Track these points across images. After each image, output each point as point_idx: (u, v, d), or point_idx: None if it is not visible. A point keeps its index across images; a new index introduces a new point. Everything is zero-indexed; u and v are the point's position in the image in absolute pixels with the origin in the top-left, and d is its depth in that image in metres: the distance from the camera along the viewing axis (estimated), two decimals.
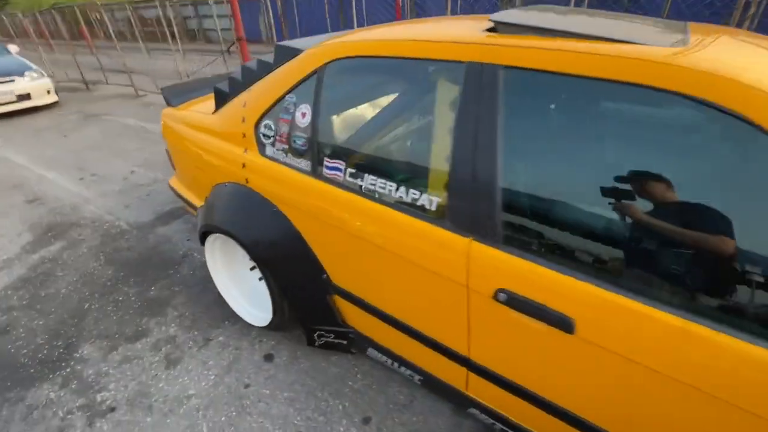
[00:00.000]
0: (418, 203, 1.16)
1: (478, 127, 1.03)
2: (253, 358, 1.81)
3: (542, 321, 0.96)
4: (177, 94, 2.21)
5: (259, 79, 1.60)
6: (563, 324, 0.93)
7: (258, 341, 1.89)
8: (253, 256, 1.60)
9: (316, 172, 1.40)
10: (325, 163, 1.37)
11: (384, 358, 1.58)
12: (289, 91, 1.46)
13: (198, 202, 2.06)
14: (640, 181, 0.89)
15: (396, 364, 1.54)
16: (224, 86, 1.79)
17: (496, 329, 1.08)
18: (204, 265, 2.41)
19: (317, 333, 1.69)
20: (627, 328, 0.88)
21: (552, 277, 0.95)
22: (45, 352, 1.89)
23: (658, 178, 0.88)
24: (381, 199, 1.24)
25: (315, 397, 1.61)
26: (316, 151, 1.39)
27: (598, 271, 0.93)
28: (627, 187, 0.90)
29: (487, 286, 1.04)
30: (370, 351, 1.62)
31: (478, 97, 1.03)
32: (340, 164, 1.34)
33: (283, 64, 1.51)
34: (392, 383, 1.66)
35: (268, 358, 1.81)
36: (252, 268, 1.97)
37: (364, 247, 1.31)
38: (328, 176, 1.37)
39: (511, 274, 1.00)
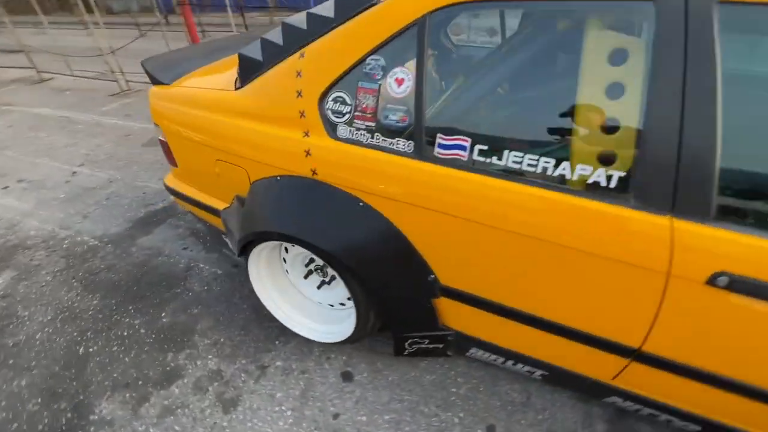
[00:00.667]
0: (589, 181, 0.96)
1: (687, 82, 0.83)
2: (328, 380, 1.53)
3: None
4: (165, 68, 1.72)
5: (314, 39, 1.24)
6: None
7: (326, 359, 1.61)
8: (337, 265, 1.30)
9: (423, 154, 1.12)
10: (440, 140, 1.10)
11: (493, 356, 1.40)
12: (372, 52, 1.13)
13: (218, 204, 1.66)
14: None
15: (510, 362, 1.38)
16: (253, 52, 1.39)
17: (703, 316, 0.94)
18: (219, 278, 2.02)
19: (409, 341, 1.46)
20: None
21: None
22: (46, 421, 1.44)
23: None
24: (531, 180, 1.01)
25: (422, 414, 1.40)
26: (422, 127, 1.11)
27: None
28: None
29: (700, 270, 0.88)
30: (474, 351, 1.44)
31: (683, 44, 0.82)
32: (464, 141, 1.07)
33: (351, 16, 1.17)
34: (500, 381, 1.50)
35: (347, 376, 1.54)
36: (306, 276, 1.65)
37: (499, 238, 1.08)
38: (445, 157, 1.10)
39: (734, 254, 0.85)
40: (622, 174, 0.93)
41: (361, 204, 1.24)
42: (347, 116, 1.21)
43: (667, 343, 1.03)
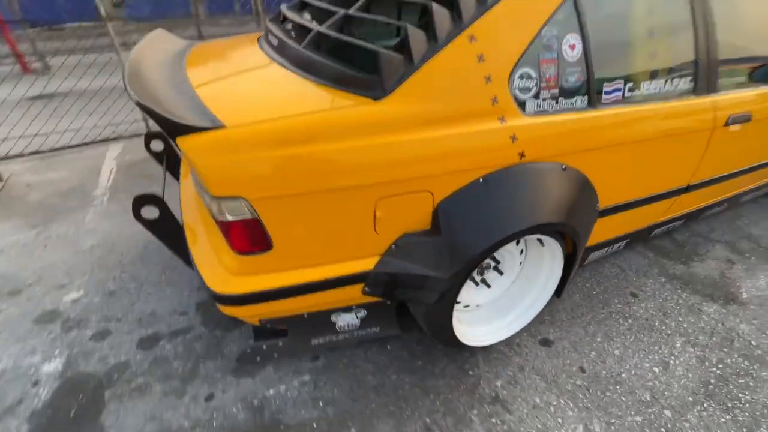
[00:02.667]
0: (681, 88, 1.47)
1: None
2: (541, 355, 1.53)
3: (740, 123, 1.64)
4: (183, 105, 0.98)
5: (476, 18, 1.13)
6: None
7: (517, 346, 1.58)
8: (557, 232, 1.35)
9: (594, 104, 1.32)
10: (605, 89, 1.33)
11: (600, 252, 1.82)
12: (545, 24, 1.19)
13: (349, 268, 1.21)
14: None
15: (609, 248, 1.85)
16: (382, 46, 1.09)
17: (720, 144, 1.66)
18: (340, 382, 1.47)
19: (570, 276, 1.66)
20: None
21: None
22: None
23: None
24: (658, 98, 1.43)
25: (606, 316, 1.69)
26: (592, 82, 1.30)
27: None
28: None
29: (724, 120, 1.58)
30: (591, 257, 1.81)
31: None
32: (620, 84, 1.36)
33: None
34: (600, 268, 1.96)
35: (546, 342, 1.59)
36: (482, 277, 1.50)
37: (647, 146, 1.46)
38: (608, 101, 1.35)
39: (735, 103, 1.59)
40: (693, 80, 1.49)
41: (563, 167, 1.31)
42: (534, 90, 1.22)
43: (704, 171, 1.73)
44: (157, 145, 1.88)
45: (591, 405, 1.37)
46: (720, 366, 1.50)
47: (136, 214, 1.31)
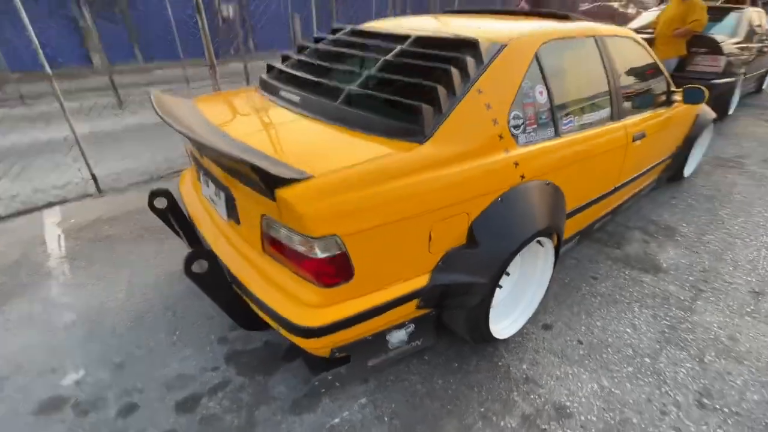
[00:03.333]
0: (604, 117, 2.00)
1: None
2: (547, 337, 1.85)
3: (639, 139, 2.25)
4: (268, 161, 1.10)
5: (479, 75, 1.47)
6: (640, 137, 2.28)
7: (526, 334, 1.87)
8: (558, 234, 1.71)
9: (558, 133, 1.75)
10: (563, 122, 1.77)
11: (564, 247, 2.27)
12: (524, 76, 1.59)
13: (410, 286, 1.40)
14: None
15: (570, 244, 2.30)
16: (418, 99, 1.37)
17: (631, 154, 2.23)
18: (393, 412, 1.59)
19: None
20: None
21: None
22: None
23: None
24: (592, 125, 1.92)
25: (592, 293, 2.09)
26: (556, 118, 1.72)
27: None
28: None
29: (631, 137, 2.16)
30: (562, 250, 2.23)
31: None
32: (572, 118, 1.81)
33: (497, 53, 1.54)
34: (565, 261, 2.39)
35: (547, 327, 1.92)
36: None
37: (595, 159, 1.94)
38: (567, 130, 1.79)
39: (635, 126, 2.18)
40: (610, 111, 2.04)
41: (547, 183, 1.69)
42: (522, 126, 1.60)
43: (624, 175, 2.30)
44: (161, 203, 1.85)
45: (596, 366, 1.72)
46: (667, 319, 1.98)
47: (188, 271, 1.33)
